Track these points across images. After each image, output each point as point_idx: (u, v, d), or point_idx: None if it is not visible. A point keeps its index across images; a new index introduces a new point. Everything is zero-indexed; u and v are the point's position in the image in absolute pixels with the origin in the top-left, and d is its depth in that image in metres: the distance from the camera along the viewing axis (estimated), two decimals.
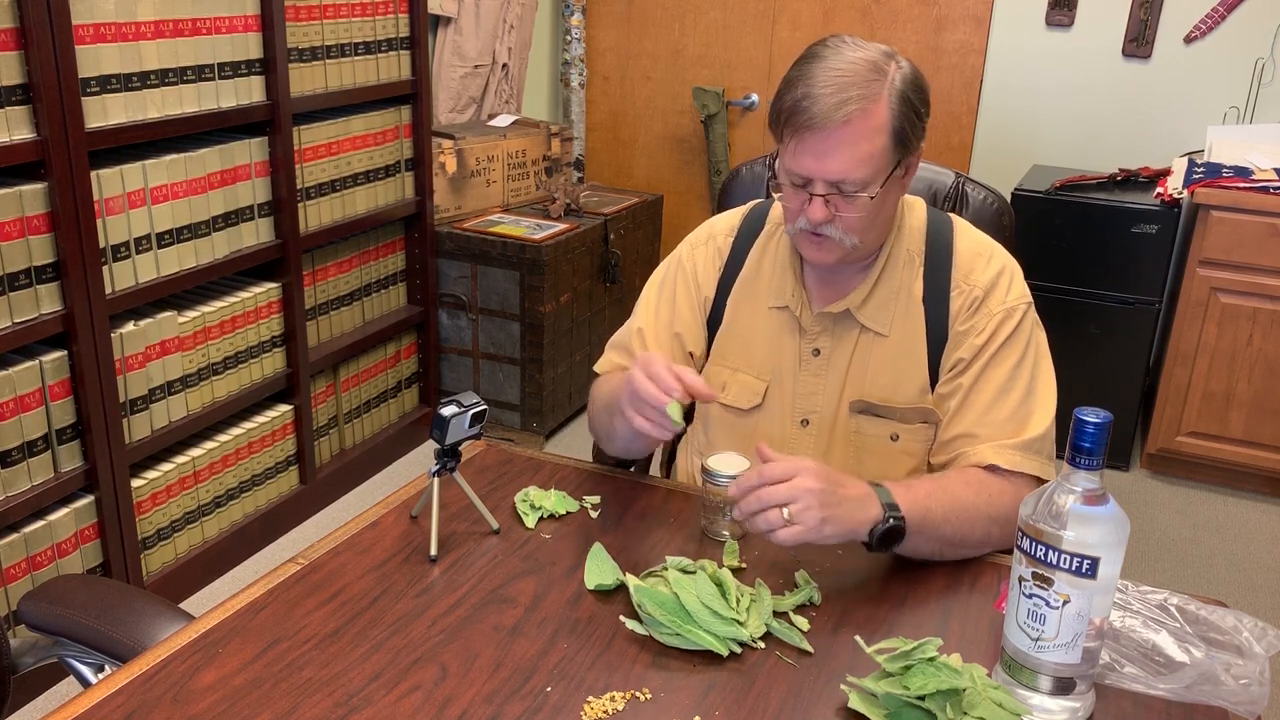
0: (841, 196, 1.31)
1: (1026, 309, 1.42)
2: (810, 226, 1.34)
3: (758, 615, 1.15)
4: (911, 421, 1.43)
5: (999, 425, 1.37)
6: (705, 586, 1.15)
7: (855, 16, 3.73)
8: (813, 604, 1.21)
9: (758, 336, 1.49)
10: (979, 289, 1.41)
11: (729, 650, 1.12)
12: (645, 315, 1.55)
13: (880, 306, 1.43)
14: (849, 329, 1.44)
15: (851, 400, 1.44)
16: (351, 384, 3.05)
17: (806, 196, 1.32)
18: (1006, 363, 1.39)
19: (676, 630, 1.12)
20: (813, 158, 1.29)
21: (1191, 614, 1.16)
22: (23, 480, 2.11)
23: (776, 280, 1.48)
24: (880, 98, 1.28)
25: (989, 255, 1.45)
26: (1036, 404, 1.39)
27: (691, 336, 1.53)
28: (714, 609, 1.13)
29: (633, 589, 1.16)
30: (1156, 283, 3.13)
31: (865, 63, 1.29)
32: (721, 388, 1.49)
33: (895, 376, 1.43)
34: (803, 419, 1.47)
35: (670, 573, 1.18)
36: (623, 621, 1.16)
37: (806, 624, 1.17)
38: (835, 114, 1.26)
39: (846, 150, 1.28)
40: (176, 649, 1.10)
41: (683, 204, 4.16)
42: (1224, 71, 3.38)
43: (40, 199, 2.04)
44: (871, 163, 1.29)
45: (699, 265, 1.54)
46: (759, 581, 1.22)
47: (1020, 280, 1.44)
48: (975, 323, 1.41)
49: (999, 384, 1.38)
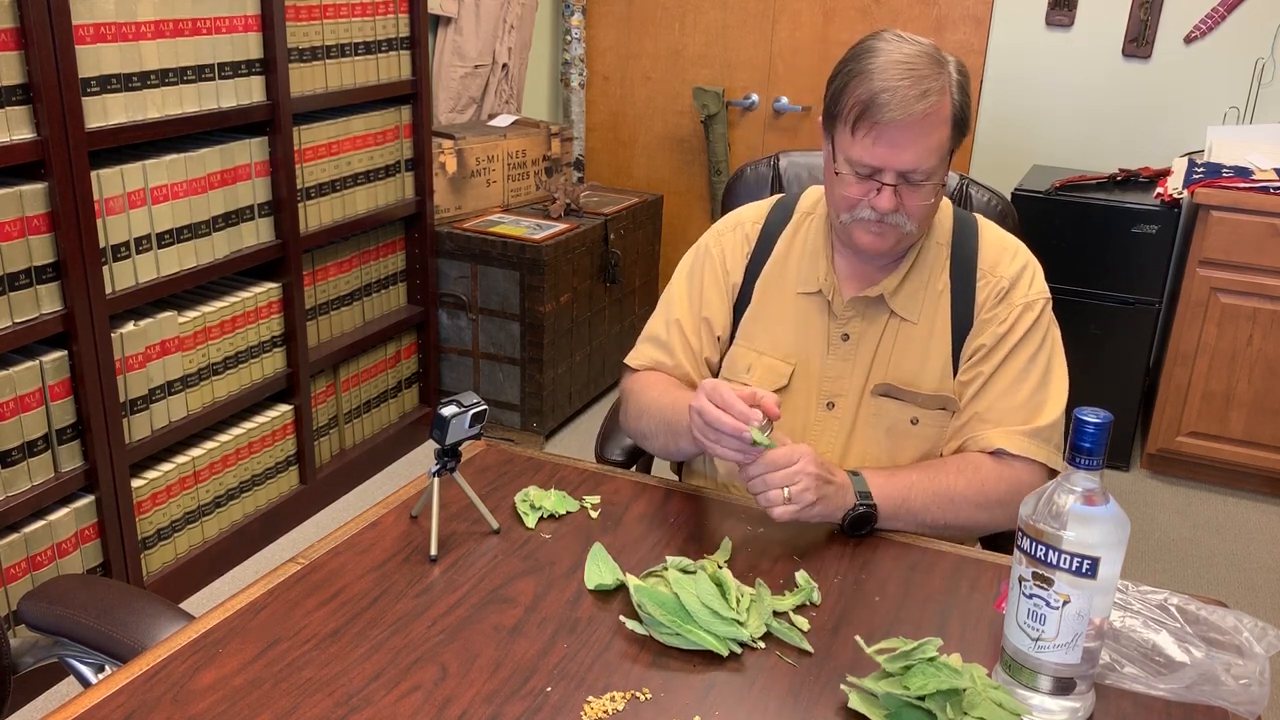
0: (908, 185, 1.36)
1: (1046, 304, 1.48)
2: (877, 215, 1.38)
3: (758, 615, 1.15)
4: (931, 407, 1.47)
5: (1011, 411, 1.42)
6: (705, 586, 1.15)
7: (855, 16, 3.73)
8: (813, 604, 1.21)
9: (785, 321, 1.52)
10: (1005, 280, 1.46)
11: (729, 650, 1.12)
12: (680, 306, 1.59)
13: (911, 294, 1.47)
14: (879, 315, 1.48)
15: (876, 384, 1.48)
16: (351, 384, 3.05)
17: (872, 187, 1.37)
18: (1024, 353, 1.44)
19: (677, 630, 1.12)
20: (887, 148, 1.33)
21: (1191, 614, 1.16)
22: (23, 480, 2.11)
23: (806, 267, 1.52)
24: (947, 89, 1.34)
25: (1014, 250, 1.50)
26: (1049, 395, 1.44)
27: (718, 321, 1.57)
28: (714, 609, 1.13)
29: (633, 589, 1.16)
30: (1156, 283, 3.13)
31: (925, 55, 1.34)
32: (747, 369, 1.53)
33: (920, 362, 1.47)
34: (828, 402, 1.50)
35: (670, 573, 1.18)
36: (623, 621, 1.16)
37: (806, 624, 1.17)
38: (916, 105, 1.30)
39: (921, 141, 1.33)
40: (176, 649, 1.10)
41: (683, 204, 4.16)
42: (1224, 71, 3.38)
43: (40, 199, 2.04)
44: (940, 151, 1.35)
45: (727, 251, 1.58)
46: (759, 581, 1.22)
47: (1042, 277, 1.50)
48: (999, 312, 1.45)
49: (1015, 372, 1.43)
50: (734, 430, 1.23)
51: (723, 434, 1.25)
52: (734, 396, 1.25)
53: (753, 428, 1.23)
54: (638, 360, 1.59)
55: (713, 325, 1.56)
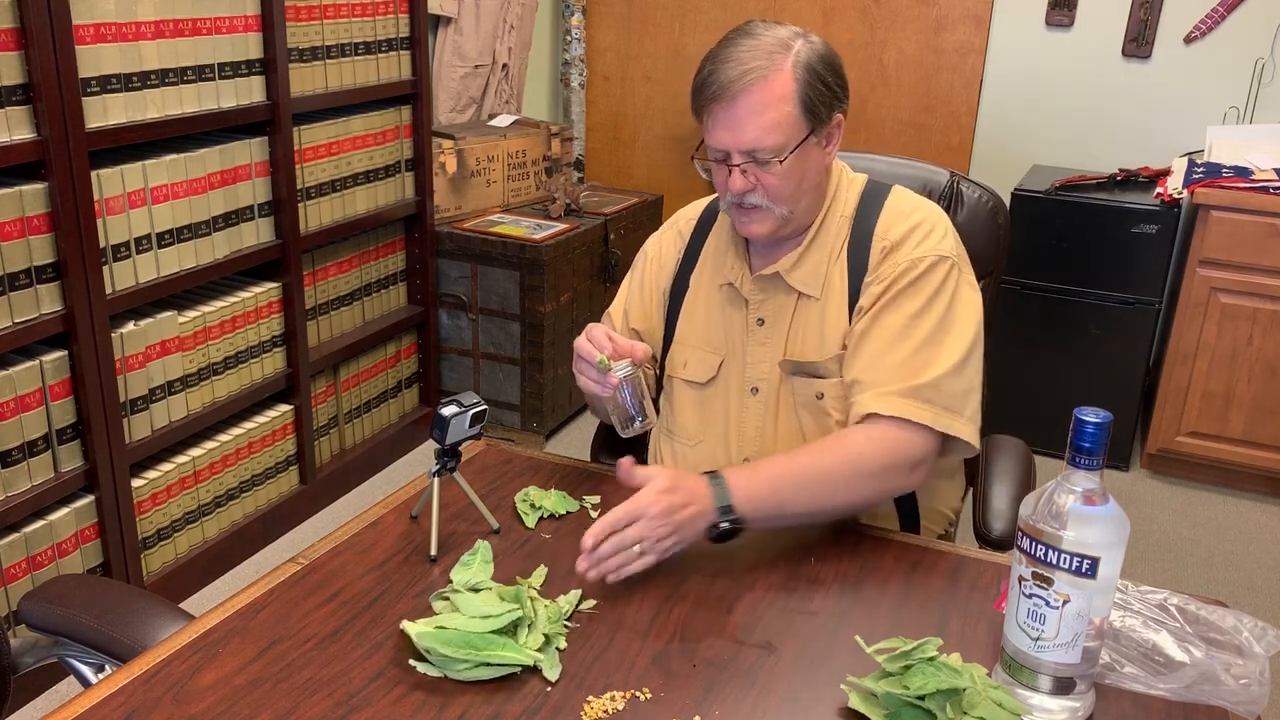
0: (758, 165, 1.38)
1: (938, 261, 1.41)
2: (735, 198, 1.41)
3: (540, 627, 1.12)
4: (833, 376, 1.45)
5: (888, 371, 1.37)
6: (469, 604, 1.11)
7: (855, 16, 3.73)
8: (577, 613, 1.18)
9: (711, 314, 1.56)
10: (890, 241, 1.44)
11: (534, 661, 1.07)
12: (618, 301, 1.67)
13: (811, 270, 1.47)
14: (785, 296, 1.49)
15: (782, 361, 1.49)
16: (351, 384, 3.05)
17: (728, 170, 1.39)
18: (903, 310, 1.39)
19: (475, 662, 1.06)
20: (725, 129, 1.37)
21: (1191, 614, 1.16)
22: (23, 480, 2.11)
23: (722, 259, 1.55)
24: (783, 69, 1.36)
25: (912, 211, 1.47)
26: (939, 353, 1.36)
27: (637, 313, 1.63)
28: (493, 626, 1.08)
29: (415, 635, 1.08)
30: (1156, 283, 3.13)
31: (772, 39, 1.37)
32: (684, 364, 1.57)
33: (821, 335, 1.47)
34: (753, 387, 1.52)
35: (449, 600, 1.14)
36: (414, 665, 1.08)
37: (564, 643, 1.13)
38: (737, 83, 1.34)
39: (754, 119, 1.35)
40: (176, 649, 1.10)
41: (683, 204, 4.11)
42: (1224, 71, 3.38)
43: (40, 199, 2.04)
44: (780, 130, 1.36)
45: (663, 249, 1.64)
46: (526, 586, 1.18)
47: (942, 236, 1.44)
48: (881, 272, 1.43)
49: (894, 330, 1.39)
50: (587, 356, 1.39)
51: (584, 361, 1.41)
52: (601, 334, 1.40)
53: (601, 356, 1.37)
54: None
55: (630, 318, 1.63)
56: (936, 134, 3.74)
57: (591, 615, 1.18)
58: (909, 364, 1.36)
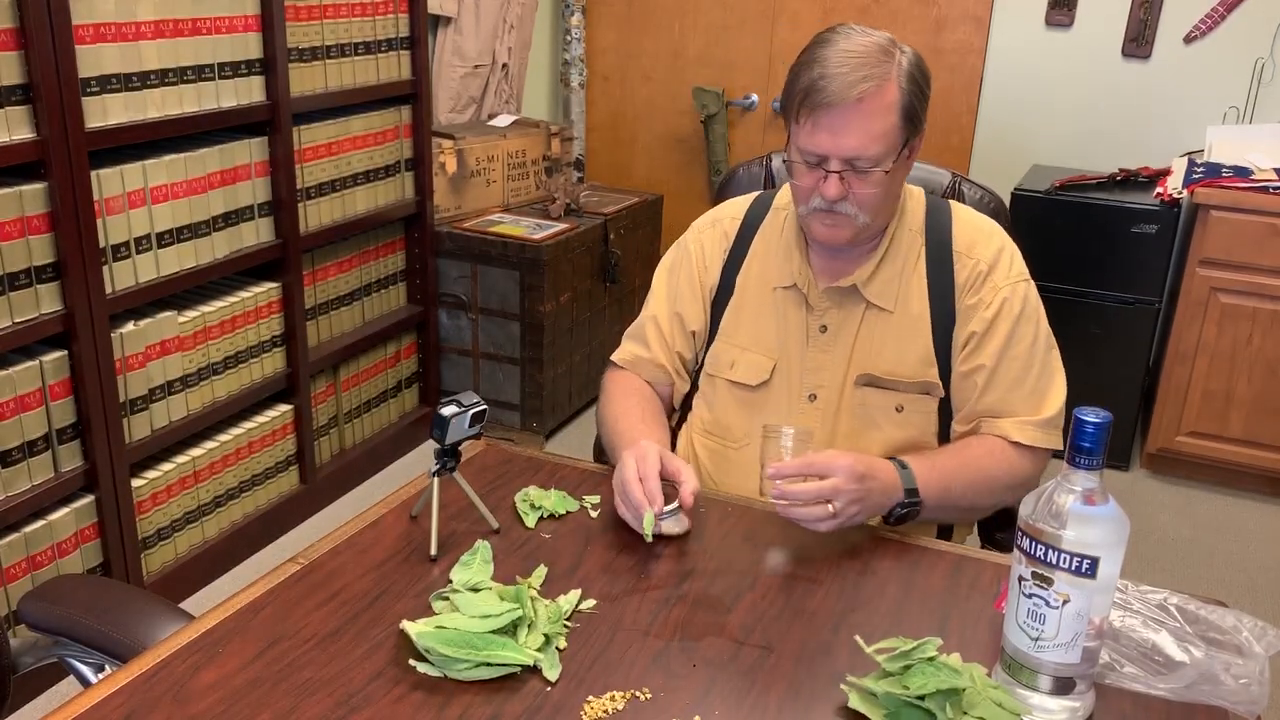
0: (855, 173, 1.37)
1: (1029, 285, 1.49)
2: (825, 205, 1.39)
3: (541, 625, 1.12)
4: (914, 393, 1.48)
5: (1020, 402, 1.45)
6: (470, 604, 1.11)
7: (855, 16, 3.73)
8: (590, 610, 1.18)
9: (765, 316, 1.54)
10: (983, 263, 1.47)
11: (534, 661, 1.07)
12: (657, 303, 1.63)
13: (885, 283, 1.48)
14: (855, 305, 1.49)
15: (858, 374, 1.49)
16: (351, 384, 3.05)
17: (821, 175, 1.38)
18: (1024, 340, 1.46)
19: (476, 662, 1.06)
20: (828, 134, 1.35)
21: (1191, 614, 1.16)
22: (23, 480, 2.11)
23: (782, 262, 1.53)
24: (891, 77, 1.35)
25: (990, 231, 1.51)
26: (1052, 382, 1.47)
27: (692, 318, 1.59)
28: (493, 626, 1.08)
29: (414, 635, 1.09)
30: (1156, 283, 3.13)
31: (874, 45, 1.37)
32: (730, 365, 1.55)
33: (900, 350, 1.48)
34: (810, 394, 1.51)
35: (449, 600, 1.14)
36: (413, 665, 1.08)
37: (564, 642, 1.13)
38: (851, 91, 1.33)
39: (861, 126, 1.34)
40: (176, 649, 1.10)
41: (683, 204, 4.15)
42: (1224, 71, 3.38)
43: (40, 199, 2.04)
44: (885, 139, 1.36)
45: (705, 248, 1.61)
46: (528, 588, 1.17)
47: (1020, 258, 1.51)
48: (983, 296, 1.46)
49: (1020, 363, 1.46)
50: (636, 507, 1.29)
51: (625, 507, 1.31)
52: (654, 471, 1.29)
53: (648, 513, 1.27)
54: (619, 356, 1.64)
55: (685, 321, 1.59)
56: (936, 134, 3.73)
57: (591, 615, 1.18)
58: (1035, 394, 1.46)
